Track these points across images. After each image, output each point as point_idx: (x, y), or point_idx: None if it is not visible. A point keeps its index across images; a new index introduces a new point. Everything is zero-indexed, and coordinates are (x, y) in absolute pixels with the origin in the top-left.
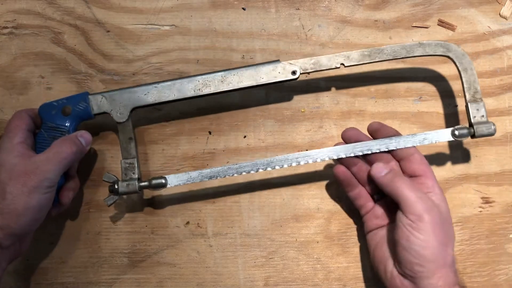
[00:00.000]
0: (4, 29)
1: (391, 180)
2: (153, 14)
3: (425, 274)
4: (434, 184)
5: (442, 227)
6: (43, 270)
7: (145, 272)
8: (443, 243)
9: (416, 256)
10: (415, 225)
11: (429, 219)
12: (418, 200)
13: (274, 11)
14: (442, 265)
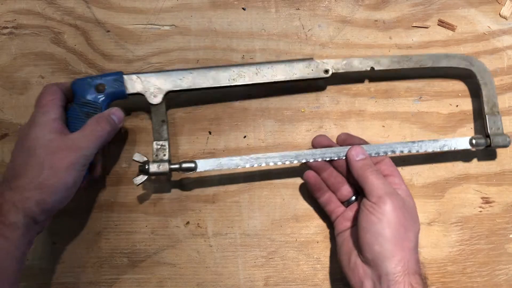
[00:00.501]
0: (4, 29)
1: (362, 166)
2: (153, 14)
3: (384, 255)
4: (401, 182)
5: (404, 212)
6: (44, 270)
7: (145, 272)
8: (403, 226)
9: (375, 235)
10: (377, 206)
11: (390, 202)
12: (382, 186)
13: (274, 11)
14: (401, 248)
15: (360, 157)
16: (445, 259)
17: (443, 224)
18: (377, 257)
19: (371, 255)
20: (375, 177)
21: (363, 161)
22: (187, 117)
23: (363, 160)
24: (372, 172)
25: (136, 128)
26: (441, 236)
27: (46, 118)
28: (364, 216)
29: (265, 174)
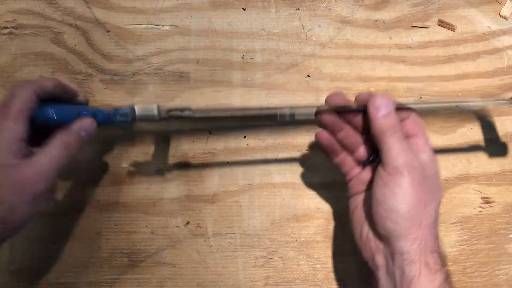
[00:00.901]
0: (4, 29)
1: (384, 125)
2: (153, 14)
3: (398, 233)
4: (425, 143)
5: (423, 184)
6: (43, 270)
7: (145, 272)
8: (422, 201)
9: (389, 210)
10: (392, 178)
11: (408, 174)
12: (401, 153)
13: (274, 11)
14: (418, 225)
15: (383, 113)
16: None
17: (443, 224)
18: (390, 234)
19: (383, 231)
20: (395, 141)
21: (385, 119)
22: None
23: (386, 117)
24: (392, 134)
25: (136, 127)
26: (441, 236)
27: (11, 137)
28: (378, 187)
29: (265, 175)
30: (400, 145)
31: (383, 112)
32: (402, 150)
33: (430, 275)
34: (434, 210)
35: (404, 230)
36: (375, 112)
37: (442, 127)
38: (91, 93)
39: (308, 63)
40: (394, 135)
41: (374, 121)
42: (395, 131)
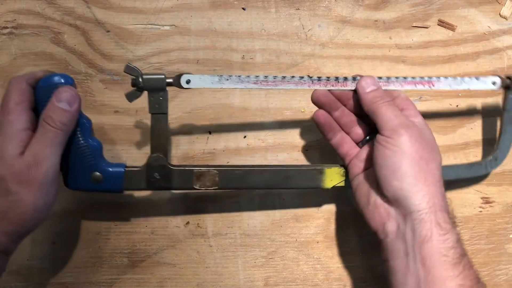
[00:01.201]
0: (4, 29)
1: (373, 97)
2: (153, 14)
3: (406, 191)
4: (417, 113)
5: (421, 142)
6: (43, 270)
7: (145, 272)
8: (423, 158)
9: (392, 170)
10: (391, 139)
11: (405, 132)
12: (395, 117)
13: (274, 11)
14: (424, 182)
15: (371, 88)
16: None
17: None
18: (398, 194)
19: (390, 192)
20: (387, 108)
21: (374, 92)
22: (187, 117)
23: (374, 91)
24: (384, 103)
25: (136, 127)
26: None
27: (12, 130)
28: (379, 152)
29: None
30: (393, 110)
31: (371, 88)
32: (395, 115)
33: (441, 235)
34: (436, 168)
35: (411, 187)
36: (363, 90)
37: (442, 127)
38: (91, 93)
39: (308, 63)
40: (385, 103)
41: (363, 96)
42: (386, 100)
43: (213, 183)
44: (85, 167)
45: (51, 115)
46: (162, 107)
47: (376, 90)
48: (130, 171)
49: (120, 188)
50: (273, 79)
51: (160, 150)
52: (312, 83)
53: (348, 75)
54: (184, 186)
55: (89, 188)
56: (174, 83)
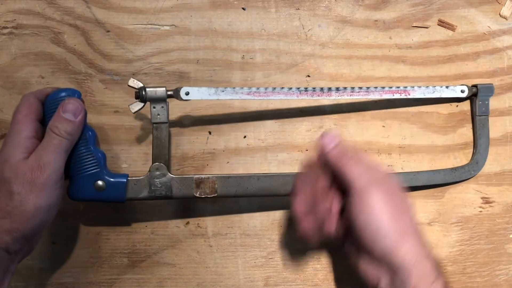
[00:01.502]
0: (4, 29)
1: (337, 155)
2: (153, 14)
3: (391, 247)
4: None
5: (393, 195)
6: (43, 270)
7: (145, 272)
8: (397, 212)
9: (374, 230)
10: (363, 200)
11: (376, 188)
12: (362, 173)
13: (274, 11)
14: (405, 235)
15: (332, 145)
16: (445, 259)
17: (443, 224)
18: (383, 252)
19: (376, 252)
20: (352, 164)
21: (336, 150)
22: (187, 117)
23: (336, 147)
24: (348, 159)
25: (136, 127)
26: (441, 236)
27: (18, 138)
28: (356, 215)
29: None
30: (359, 166)
31: (332, 145)
32: (363, 170)
33: (429, 283)
34: (411, 217)
35: (394, 244)
36: (325, 150)
37: (442, 127)
38: (91, 93)
39: (308, 63)
40: (350, 159)
41: (327, 157)
42: (349, 156)
43: (212, 190)
44: (89, 176)
45: (56, 125)
46: (163, 117)
47: (337, 146)
48: (132, 180)
49: (123, 197)
50: (264, 90)
51: (161, 159)
52: (300, 94)
53: (348, 75)
54: (185, 194)
55: (92, 196)
56: (174, 95)
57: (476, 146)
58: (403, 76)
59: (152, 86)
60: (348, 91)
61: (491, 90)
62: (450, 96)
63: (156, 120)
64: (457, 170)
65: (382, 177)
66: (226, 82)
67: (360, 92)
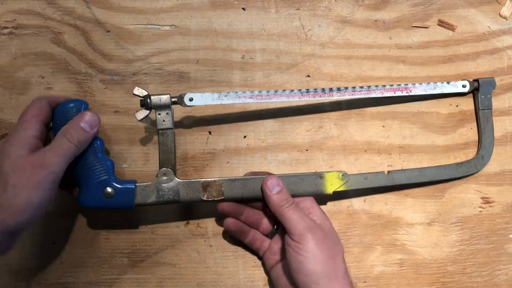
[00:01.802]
0: (4, 29)
1: (279, 201)
2: (153, 14)
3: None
4: (313, 204)
5: (326, 242)
6: (43, 270)
7: (145, 272)
8: (331, 257)
9: (309, 274)
10: (301, 245)
11: (312, 236)
12: (300, 221)
13: (274, 11)
14: (335, 277)
15: (276, 190)
16: (445, 259)
17: (443, 224)
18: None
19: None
20: (293, 212)
21: (279, 195)
22: (187, 117)
23: (279, 193)
24: (290, 207)
25: (136, 127)
26: (441, 236)
27: (23, 135)
28: (292, 257)
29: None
30: (297, 213)
31: (276, 190)
32: (300, 218)
33: None
34: (342, 261)
35: (326, 286)
36: (269, 191)
37: (442, 127)
38: (91, 93)
39: (308, 63)
40: (290, 207)
41: (270, 198)
42: (290, 203)
43: (219, 193)
44: (98, 184)
45: (71, 131)
46: (169, 123)
47: (281, 192)
48: (140, 186)
49: (131, 204)
50: (266, 93)
51: (168, 164)
52: (302, 95)
53: (348, 75)
54: (192, 198)
55: (102, 204)
56: (178, 101)
57: (481, 141)
58: (403, 76)
59: (156, 93)
60: (350, 90)
61: (492, 83)
62: (452, 92)
63: (161, 127)
64: (462, 165)
65: (316, 225)
66: (226, 82)
67: (361, 91)
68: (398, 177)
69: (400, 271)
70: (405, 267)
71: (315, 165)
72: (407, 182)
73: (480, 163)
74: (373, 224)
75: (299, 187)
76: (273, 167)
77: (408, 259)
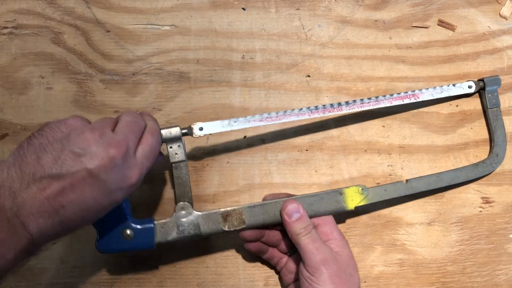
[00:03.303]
0: (4, 29)
1: (296, 229)
2: (153, 14)
3: None
4: (333, 230)
5: (341, 276)
6: (44, 270)
7: (145, 272)
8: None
9: None
10: (314, 278)
11: (326, 270)
12: (316, 252)
13: (274, 11)
14: None
15: (295, 217)
16: (445, 259)
17: (443, 224)
18: None
19: None
20: (309, 242)
21: (297, 223)
22: (187, 117)
23: (298, 221)
24: (307, 236)
25: None
26: (441, 236)
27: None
28: (305, 286)
29: (265, 175)
30: (314, 244)
31: (295, 217)
32: (316, 249)
33: None
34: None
35: None
36: (288, 218)
37: (442, 127)
38: (91, 93)
39: (308, 63)
40: (307, 236)
41: (288, 225)
42: (307, 232)
43: (240, 222)
44: (117, 226)
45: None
46: (181, 155)
47: (300, 219)
48: (159, 224)
49: (152, 244)
50: (276, 114)
51: (185, 197)
52: (311, 113)
53: (348, 75)
54: (214, 230)
55: (122, 247)
56: (189, 132)
57: (493, 139)
58: (403, 76)
59: (165, 127)
60: (358, 103)
61: (498, 81)
62: (459, 94)
63: (174, 160)
64: (478, 165)
65: (333, 256)
66: (226, 82)
67: (370, 103)
68: (417, 185)
69: (400, 271)
70: (405, 267)
71: (315, 165)
72: (426, 189)
73: (496, 161)
74: (373, 224)
75: (319, 207)
76: (273, 167)
77: (408, 259)
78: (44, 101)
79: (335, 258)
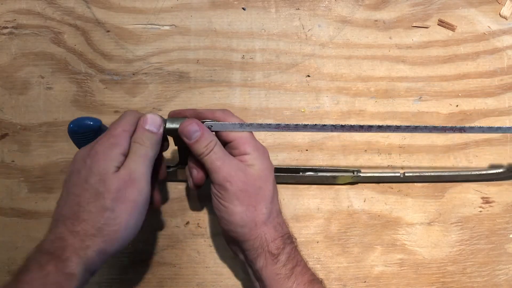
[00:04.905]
0: (4, 29)
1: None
2: (153, 14)
3: (241, 238)
4: (247, 144)
5: (248, 190)
6: None
7: (145, 272)
8: (250, 205)
9: (227, 223)
10: (220, 194)
11: (231, 186)
12: (219, 169)
13: (274, 11)
14: (254, 227)
15: (195, 137)
16: (445, 259)
17: (443, 224)
18: (236, 240)
19: (231, 238)
20: (213, 160)
21: (197, 143)
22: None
23: (198, 141)
24: (208, 154)
25: None
26: (441, 236)
27: (114, 152)
28: (215, 204)
29: None
30: (217, 161)
31: (195, 137)
32: (219, 166)
33: (273, 259)
34: (265, 207)
35: (244, 235)
36: (188, 140)
37: None
38: (91, 93)
39: (308, 63)
40: (210, 154)
41: (190, 147)
42: (210, 150)
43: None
44: None
45: (141, 137)
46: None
47: (200, 139)
48: None
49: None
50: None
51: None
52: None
53: (348, 75)
54: None
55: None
56: None
57: None
58: (403, 76)
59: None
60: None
61: None
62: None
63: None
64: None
65: (238, 171)
66: (226, 82)
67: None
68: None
69: (400, 271)
70: (405, 267)
71: (315, 165)
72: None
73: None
74: (373, 224)
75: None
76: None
77: (408, 259)
78: (44, 101)
79: (242, 172)
